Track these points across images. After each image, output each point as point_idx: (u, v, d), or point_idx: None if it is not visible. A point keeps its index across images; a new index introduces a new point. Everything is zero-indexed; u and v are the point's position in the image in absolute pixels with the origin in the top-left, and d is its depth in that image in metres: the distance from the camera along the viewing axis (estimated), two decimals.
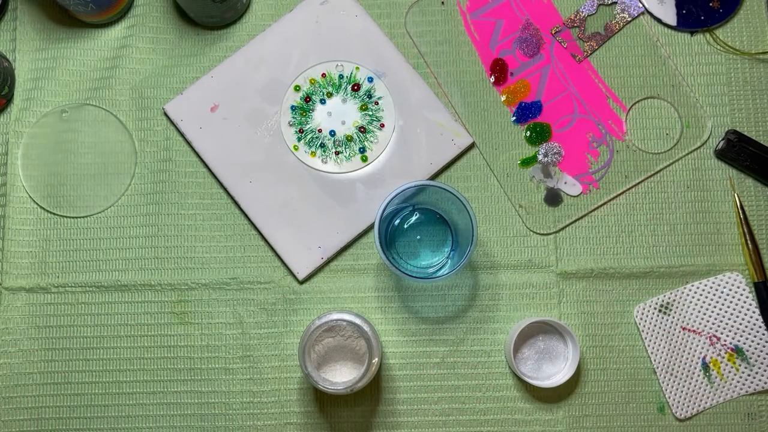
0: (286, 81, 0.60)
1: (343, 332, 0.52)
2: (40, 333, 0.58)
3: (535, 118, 0.60)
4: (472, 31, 0.61)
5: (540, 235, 0.59)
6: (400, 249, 0.58)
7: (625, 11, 0.61)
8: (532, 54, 0.60)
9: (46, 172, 0.60)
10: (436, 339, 0.58)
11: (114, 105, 0.60)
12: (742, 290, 0.57)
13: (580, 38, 0.61)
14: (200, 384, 0.57)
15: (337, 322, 0.51)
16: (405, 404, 0.57)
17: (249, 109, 0.59)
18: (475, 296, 0.58)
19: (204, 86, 0.59)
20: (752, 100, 0.60)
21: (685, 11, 0.61)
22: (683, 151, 0.59)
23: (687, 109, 0.60)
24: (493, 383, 0.57)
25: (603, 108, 0.60)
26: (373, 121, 0.59)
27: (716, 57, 0.60)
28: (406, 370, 0.57)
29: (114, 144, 0.60)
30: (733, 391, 0.57)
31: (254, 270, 0.58)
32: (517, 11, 0.61)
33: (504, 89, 0.60)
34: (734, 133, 0.59)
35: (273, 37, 0.60)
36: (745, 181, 0.59)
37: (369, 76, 0.60)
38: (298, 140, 0.59)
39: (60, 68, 0.60)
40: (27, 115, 0.60)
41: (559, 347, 0.57)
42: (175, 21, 0.61)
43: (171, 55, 0.61)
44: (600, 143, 0.59)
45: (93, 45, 0.61)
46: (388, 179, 0.59)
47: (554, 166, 0.59)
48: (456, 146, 0.59)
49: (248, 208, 0.58)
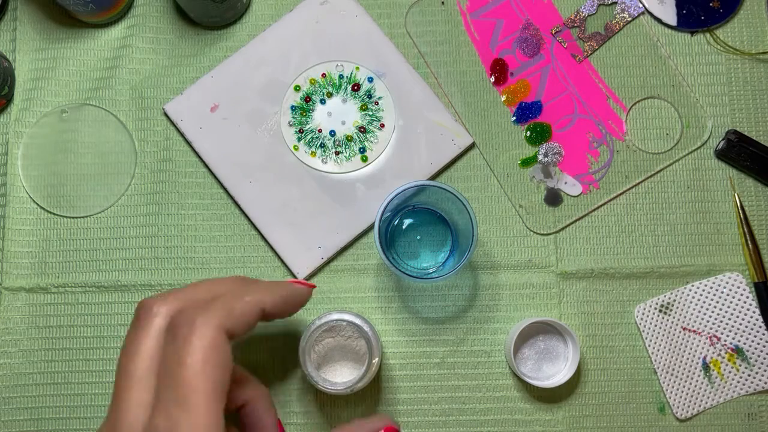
0: (286, 81, 0.60)
1: (344, 332, 0.52)
2: (40, 333, 0.58)
3: (535, 118, 0.60)
4: (472, 31, 0.61)
5: (540, 235, 0.59)
6: (400, 249, 0.58)
7: (625, 11, 0.61)
8: (532, 54, 0.60)
9: (46, 173, 0.60)
10: (436, 339, 0.58)
11: (114, 105, 0.60)
12: (742, 290, 0.57)
13: (580, 38, 0.60)
14: None
15: (337, 322, 0.51)
16: (405, 404, 0.57)
17: (249, 109, 0.59)
18: (475, 296, 0.58)
19: (204, 86, 0.59)
20: (752, 100, 0.60)
21: (686, 11, 0.61)
22: (683, 151, 0.59)
23: (687, 109, 0.60)
24: (494, 383, 0.57)
25: (603, 108, 0.60)
26: (373, 121, 0.59)
27: (716, 57, 0.60)
28: (406, 370, 0.57)
29: (114, 144, 0.60)
30: (733, 392, 0.57)
31: (254, 270, 0.58)
32: (517, 11, 0.61)
33: (504, 89, 0.60)
34: (734, 133, 0.59)
35: (273, 37, 0.60)
36: (745, 181, 0.59)
37: (369, 76, 0.60)
38: (298, 140, 0.59)
39: (60, 68, 0.60)
40: (27, 115, 0.60)
41: (559, 347, 0.57)
42: (175, 21, 0.61)
43: (171, 55, 0.61)
44: (600, 143, 0.59)
45: (93, 45, 0.61)
46: (388, 179, 0.59)
47: (554, 166, 0.59)
48: (456, 146, 0.59)
49: (248, 208, 0.58)
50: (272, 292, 0.40)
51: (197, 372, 0.32)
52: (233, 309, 0.36)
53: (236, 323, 0.36)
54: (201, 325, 0.34)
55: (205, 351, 0.33)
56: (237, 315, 0.36)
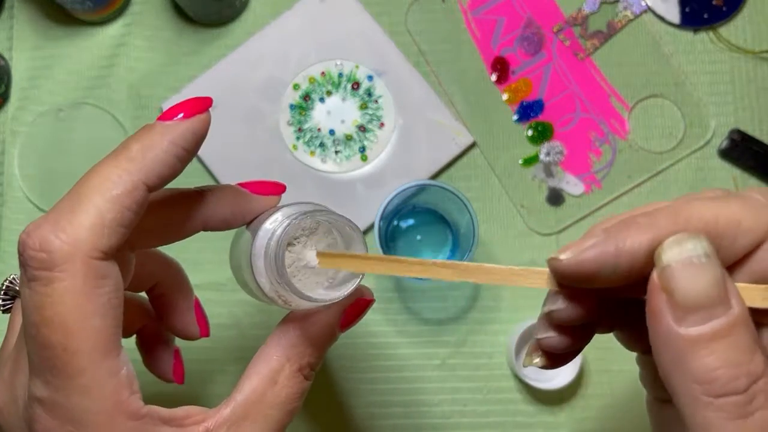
0: (285, 79, 0.59)
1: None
2: None
3: (536, 116, 0.59)
4: (473, 29, 0.60)
5: (542, 235, 0.58)
6: (401, 249, 0.58)
7: (628, 9, 0.60)
8: (533, 52, 0.60)
9: (43, 172, 0.59)
10: (436, 340, 0.57)
11: (111, 104, 0.60)
12: None
13: (582, 36, 0.60)
14: (196, 386, 0.57)
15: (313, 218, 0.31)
16: (405, 406, 0.57)
17: (247, 107, 0.59)
18: (476, 297, 0.58)
19: (202, 85, 0.59)
20: (756, 99, 0.59)
21: (689, 9, 0.60)
22: (686, 151, 0.59)
23: (690, 108, 0.59)
24: (495, 385, 0.57)
25: (605, 107, 0.59)
26: (373, 120, 0.59)
27: (720, 55, 0.60)
28: (407, 371, 0.57)
29: (111, 143, 0.58)
30: None
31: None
32: (518, 9, 0.60)
33: (505, 88, 0.60)
34: (738, 132, 0.58)
35: (272, 35, 0.60)
36: (748, 180, 0.59)
37: (369, 74, 0.59)
38: (297, 139, 0.59)
39: (57, 67, 0.60)
40: (23, 114, 0.60)
41: None
42: (172, 19, 0.61)
43: (169, 54, 0.60)
44: (602, 142, 0.59)
45: (90, 43, 0.60)
46: (388, 179, 0.58)
47: (556, 166, 0.59)
48: (457, 145, 0.58)
49: None
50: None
51: (71, 323, 0.25)
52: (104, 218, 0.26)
53: (108, 233, 0.26)
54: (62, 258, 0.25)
55: (70, 294, 0.25)
56: (108, 222, 0.26)
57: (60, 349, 0.25)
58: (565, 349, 0.28)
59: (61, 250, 0.25)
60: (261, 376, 0.30)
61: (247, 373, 0.31)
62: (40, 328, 0.25)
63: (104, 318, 0.25)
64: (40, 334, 0.25)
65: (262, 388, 0.30)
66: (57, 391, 0.25)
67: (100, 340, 0.25)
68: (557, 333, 0.28)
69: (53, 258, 0.25)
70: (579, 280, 0.25)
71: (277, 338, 0.31)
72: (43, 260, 0.25)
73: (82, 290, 0.25)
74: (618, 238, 0.24)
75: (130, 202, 0.26)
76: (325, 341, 0.32)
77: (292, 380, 0.31)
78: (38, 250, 0.25)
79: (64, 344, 0.25)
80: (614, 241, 0.24)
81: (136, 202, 0.27)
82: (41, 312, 0.25)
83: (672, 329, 0.23)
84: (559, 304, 0.27)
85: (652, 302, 0.24)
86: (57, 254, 0.25)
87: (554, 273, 0.26)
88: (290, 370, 0.31)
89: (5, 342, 0.31)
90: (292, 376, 0.31)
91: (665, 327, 0.23)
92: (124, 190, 0.26)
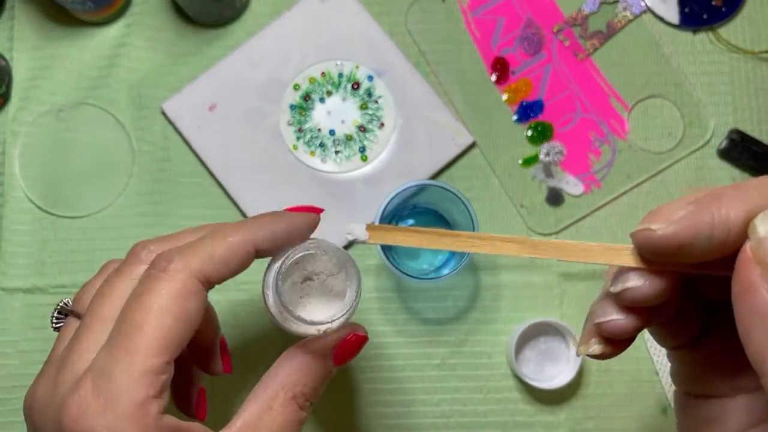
0: (285, 80, 0.59)
1: (317, 265, 0.38)
2: (37, 334, 0.57)
3: (536, 117, 0.59)
4: (473, 29, 0.60)
5: (541, 235, 0.58)
6: (401, 249, 0.58)
7: (628, 9, 0.60)
8: (533, 52, 0.60)
9: (44, 172, 0.59)
10: (436, 340, 0.57)
11: (111, 104, 0.60)
12: None
13: (582, 36, 0.60)
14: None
15: (312, 249, 0.37)
16: (405, 406, 0.57)
17: (248, 108, 0.59)
18: (476, 297, 0.58)
19: (202, 85, 0.59)
20: (755, 99, 0.59)
21: (688, 9, 0.60)
22: (686, 151, 0.59)
23: (689, 108, 0.59)
24: (495, 385, 0.57)
25: (605, 107, 0.59)
26: (373, 120, 0.59)
27: (719, 56, 0.60)
28: (407, 371, 0.57)
29: (112, 143, 0.59)
30: None
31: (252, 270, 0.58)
32: (518, 9, 0.60)
33: (505, 88, 0.60)
34: (737, 132, 0.58)
35: (272, 35, 0.60)
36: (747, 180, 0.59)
37: (369, 74, 0.59)
38: (297, 139, 0.59)
39: (57, 67, 0.60)
40: (24, 114, 0.60)
41: (561, 348, 0.56)
42: (173, 19, 0.61)
43: (169, 54, 0.60)
44: (602, 142, 0.59)
45: (90, 43, 0.60)
46: (388, 179, 0.58)
47: (556, 166, 0.59)
48: (457, 145, 0.59)
49: (247, 208, 0.58)
50: (264, 227, 0.34)
51: (153, 317, 0.29)
52: (215, 253, 0.32)
53: (217, 268, 0.32)
54: (174, 268, 0.31)
55: (169, 297, 0.30)
56: (218, 259, 0.32)
57: (135, 326, 0.29)
58: (633, 332, 0.27)
59: (176, 264, 0.31)
60: (258, 403, 0.33)
61: (248, 398, 0.33)
62: (132, 306, 0.30)
63: (177, 322, 0.30)
64: (130, 310, 0.30)
65: (259, 413, 0.33)
66: (112, 360, 0.29)
67: (164, 337, 0.29)
68: (626, 314, 0.26)
69: (170, 267, 0.31)
70: (670, 254, 0.24)
71: (276, 367, 0.34)
72: (164, 267, 0.31)
73: (177, 294, 0.30)
74: (713, 208, 0.23)
75: (238, 254, 0.33)
76: (317, 372, 0.34)
77: (286, 408, 0.33)
78: (163, 259, 0.31)
79: (140, 323, 0.29)
80: (710, 210, 0.23)
81: (243, 258, 0.34)
82: (140, 298, 0.30)
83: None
84: (636, 281, 0.25)
85: (743, 276, 0.22)
86: (173, 265, 0.31)
87: (645, 245, 0.25)
88: (284, 398, 0.33)
89: (54, 349, 0.34)
90: (287, 403, 0.33)
91: (761, 301, 0.22)
92: (241, 239, 0.33)
